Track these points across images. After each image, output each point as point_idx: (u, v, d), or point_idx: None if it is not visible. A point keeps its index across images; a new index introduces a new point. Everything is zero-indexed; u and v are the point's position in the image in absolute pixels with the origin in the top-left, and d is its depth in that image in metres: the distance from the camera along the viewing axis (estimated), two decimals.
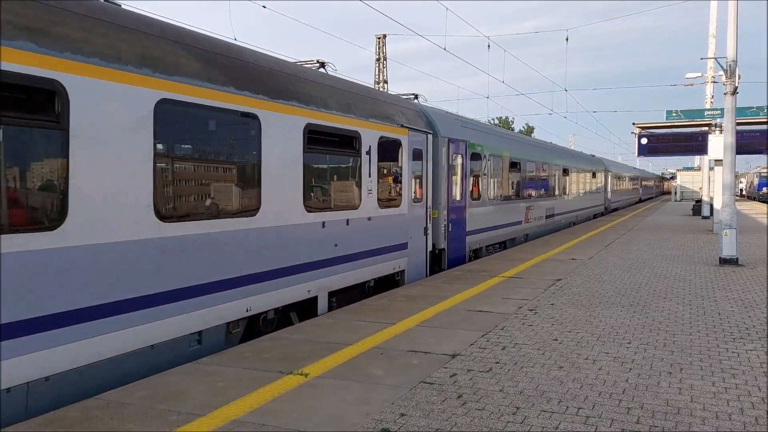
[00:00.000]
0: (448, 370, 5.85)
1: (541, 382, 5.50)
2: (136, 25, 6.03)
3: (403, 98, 13.29)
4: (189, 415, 4.69)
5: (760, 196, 61.37)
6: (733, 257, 13.42)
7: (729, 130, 14.35)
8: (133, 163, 5.66)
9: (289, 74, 8.42)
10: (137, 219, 5.71)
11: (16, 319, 4.70)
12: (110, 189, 5.46)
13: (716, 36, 30.30)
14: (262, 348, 6.63)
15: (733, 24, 13.66)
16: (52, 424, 4.50)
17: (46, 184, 5.10)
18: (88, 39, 5.33)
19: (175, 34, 6.59)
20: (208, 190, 6.86)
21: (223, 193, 7.02)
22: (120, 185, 5.55)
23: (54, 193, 5.08)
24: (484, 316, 8.21)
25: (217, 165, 7.10)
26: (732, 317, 8.18)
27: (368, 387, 5.37)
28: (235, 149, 7.33)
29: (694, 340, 6.98)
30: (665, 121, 26.56)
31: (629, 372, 5.82)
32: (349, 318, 8.09)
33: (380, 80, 45.67)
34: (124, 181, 5.59)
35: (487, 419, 4.64)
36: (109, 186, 5.45)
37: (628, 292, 9.97)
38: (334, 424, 4.53)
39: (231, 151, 7.28)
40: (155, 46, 6.13)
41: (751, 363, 6.11)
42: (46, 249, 4.90)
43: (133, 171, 5.68)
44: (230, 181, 7.20)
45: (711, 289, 10.31)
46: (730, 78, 14.10)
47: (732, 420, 4.64)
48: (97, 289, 5.34)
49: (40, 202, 5.09)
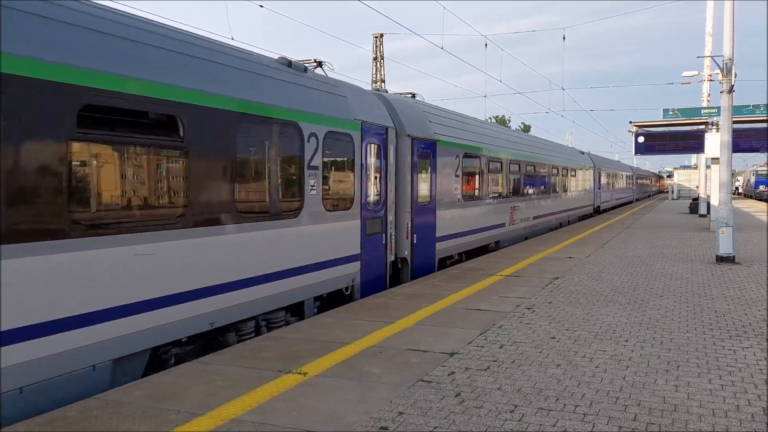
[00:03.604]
0: (446, 368, 5.87)
1: (539, 380, 5.52)
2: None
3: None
4: (188, 414, 4.70)
5: (757, 194, 61.56)
6: (730, 255, 13.47)
7: (725, 129, 14.39)
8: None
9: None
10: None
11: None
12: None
13: (713, 34, 30.39)
14: (261, 347, 6.64)
15: (729, 22, 13.69)
16: (51, 424, 4.52)
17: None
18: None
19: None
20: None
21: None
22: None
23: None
24: (481, 314, 8.24)
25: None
26: (728, 315, 8.21)
27: (367, 386, 5.39)
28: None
29: (691, 338, 7.01)
30: (662, 120, 26.63)
31: (626, 370, 5.84)
32: (348, 317, 8.10)
33: (377, 79, 45.69)
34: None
35: (485, 417, 4.66)
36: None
37: (625, 290, 10.00)
38: (333, 423, 4.55)
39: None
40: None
41: (747, 360, 6.14)
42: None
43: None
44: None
45: (708, 287, 10.34)
46: (726, 76, 14.14)
47: (728, 417, 4.67)
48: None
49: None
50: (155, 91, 6.01)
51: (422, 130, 12.29)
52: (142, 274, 5.92)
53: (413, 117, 12.21)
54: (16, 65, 4.76)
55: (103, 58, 5.56)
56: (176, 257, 6.30)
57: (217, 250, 6.83)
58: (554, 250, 15.65)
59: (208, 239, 6.70)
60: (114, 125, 5.76)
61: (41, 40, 5.05)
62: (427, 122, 12.79)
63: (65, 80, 5.14)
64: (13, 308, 4.75)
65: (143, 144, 6.04)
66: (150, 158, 6.15)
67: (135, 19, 6.38)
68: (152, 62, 6.12)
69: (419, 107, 13.09)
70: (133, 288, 5.82)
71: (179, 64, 6.49)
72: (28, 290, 4.86)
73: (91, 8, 5.82)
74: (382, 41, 46.67)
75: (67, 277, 5.18)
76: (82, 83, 5.29)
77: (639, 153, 25.75)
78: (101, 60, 5.53)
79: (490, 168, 16.52)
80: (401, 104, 12.02)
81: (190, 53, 6.75)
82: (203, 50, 7.04)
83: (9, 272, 4.70)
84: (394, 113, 11.46)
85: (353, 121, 9.67)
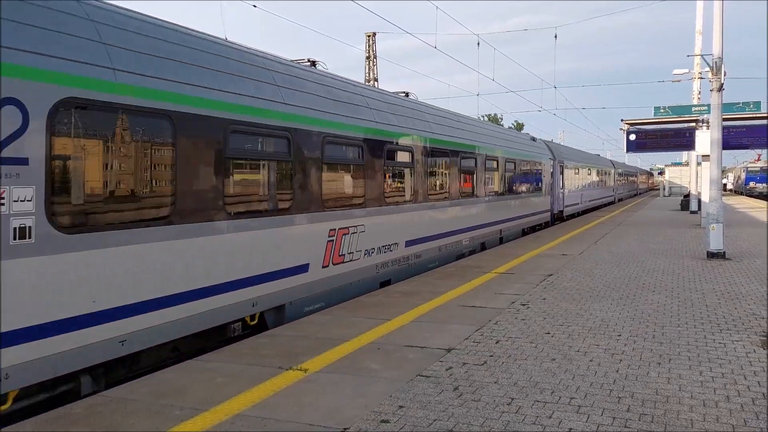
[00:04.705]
0: (443, 363, 5.99)
1: (535, 374, 5.65)
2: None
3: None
4: (192, 410, 4.79)
5: (747, 191, 62.10)
6: (721, 251, 13.65)
7: (715, 126, 14.58)
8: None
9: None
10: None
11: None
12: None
13: (702, 33, 30.64)
14: (260, 345, 6.73)
15: (719, 22, 13.87)
16: (57, 421, 4.60)
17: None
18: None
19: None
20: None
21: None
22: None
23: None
24: (477, 311, 8.36)
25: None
26: (719, 309, 8.37)
27: (366, 381, 5.49)
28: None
29: (682, 332, 7.16)
30: (653, 118, 26.83)
31: (619, 363, 5.97)
32: (345, 315, 8.20)
33: (370, 78, 45.74)
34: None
35: (483, 410, 4.78)
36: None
37: (617, 286, 10.15)
38: (335, 417, 4.65)
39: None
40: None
41: (737, 353, 6.29)
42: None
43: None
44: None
45: (698, 282, 10.51)
46: (716, 75, 14.32)
47: (719, 407, 4.80)
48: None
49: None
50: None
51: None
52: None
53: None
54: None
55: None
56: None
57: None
58: (548, 247, 15.80)
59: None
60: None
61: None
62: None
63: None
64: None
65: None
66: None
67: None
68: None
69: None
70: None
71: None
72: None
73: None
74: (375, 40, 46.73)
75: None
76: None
77: (631, 150, 25.89)
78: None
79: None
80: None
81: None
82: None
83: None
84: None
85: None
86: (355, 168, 10.16)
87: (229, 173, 7.24)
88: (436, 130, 13.54)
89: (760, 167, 61.30)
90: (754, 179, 62.20)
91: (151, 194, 6.26)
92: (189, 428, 4.46)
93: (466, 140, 15.32)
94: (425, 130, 12.90)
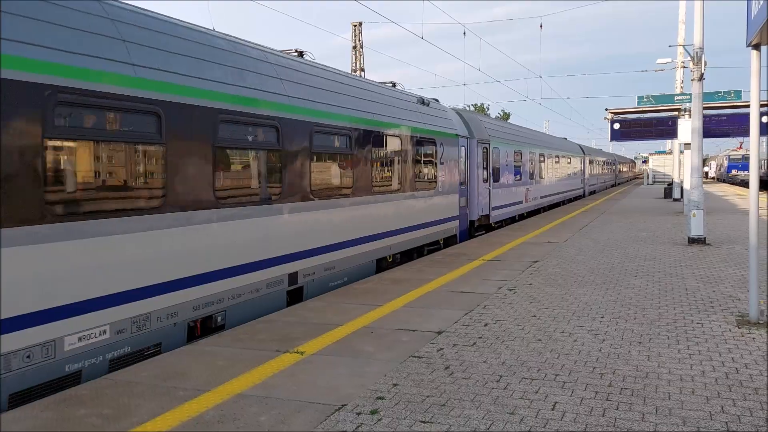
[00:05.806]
0: (434, 345, 6.24)
1: (522, 354, 5.92)
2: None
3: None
4: (195, 391, 5.01)
5: (729, 178, 63.05)
6: (701, 236, 14.04)
7: (696, 115, 14.94)
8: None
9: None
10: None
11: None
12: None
13: (685, 22, 31.03)
14: (257, 330, 6.95)
15: (700, 12, 14.17)
16: (65, 402, 4.79)
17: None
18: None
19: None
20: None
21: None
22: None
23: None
24: (466, 296, 8.62)
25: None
26: (698, 292, 8.71)
27: (361, 362, 5.74)
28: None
29: (662, 314, 7.47)
30: (637, 107, 27.24)
31: (602, 343, 6.27)
32: (338, 301, 8.43)
33: (357, 68, 45.77)
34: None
35: (473, 386, 5.04)
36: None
37: (601, 272, 10.47)
38: (333, 394, 4.89)
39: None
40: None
41: (713, 332, 6.61)
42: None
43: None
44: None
45: (679, 267, 10.86)
46: (696, 65, 14.66)
47: (694, 381, 5.11)
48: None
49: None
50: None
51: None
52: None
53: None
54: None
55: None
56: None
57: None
58: (533, 235, 16.12)
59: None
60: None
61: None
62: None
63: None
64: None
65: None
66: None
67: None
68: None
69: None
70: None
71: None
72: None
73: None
74: (361, 30, 46.75)
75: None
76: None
77: (615, 139, 26.28)
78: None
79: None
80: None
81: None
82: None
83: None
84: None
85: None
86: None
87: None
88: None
89: (742, 155, 62.24)
90: (736, 167, 63.13)
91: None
92: (194, 407, 4.68)
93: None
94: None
